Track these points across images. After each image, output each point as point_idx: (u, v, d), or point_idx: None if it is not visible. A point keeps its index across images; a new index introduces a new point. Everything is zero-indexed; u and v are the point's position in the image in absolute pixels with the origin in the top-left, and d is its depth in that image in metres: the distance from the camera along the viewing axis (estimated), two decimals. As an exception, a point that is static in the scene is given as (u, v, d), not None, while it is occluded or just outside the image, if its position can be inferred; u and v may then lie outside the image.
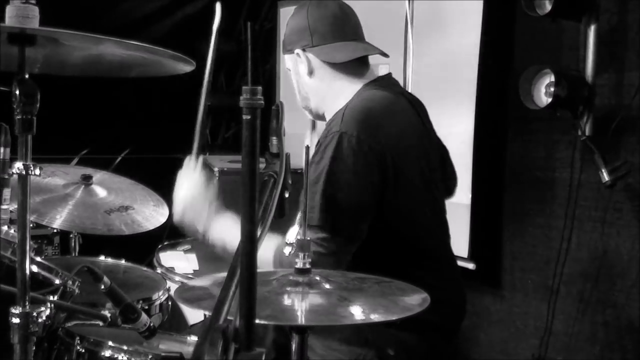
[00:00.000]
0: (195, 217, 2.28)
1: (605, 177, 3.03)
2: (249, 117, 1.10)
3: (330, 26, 2.41)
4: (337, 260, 2.10)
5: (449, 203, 2.52)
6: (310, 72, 2.42)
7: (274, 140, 1.51)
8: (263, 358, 1.09)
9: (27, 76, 1.60)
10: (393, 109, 2.36)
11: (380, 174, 2.20)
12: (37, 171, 1.60)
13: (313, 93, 2.46)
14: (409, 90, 3.46)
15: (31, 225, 2.98)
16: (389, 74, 2.52)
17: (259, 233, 1.30)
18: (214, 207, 2.29)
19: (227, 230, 2.25)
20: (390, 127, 2.28)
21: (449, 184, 2.65)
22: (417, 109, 2.48)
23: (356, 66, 2.43)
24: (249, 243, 1.13)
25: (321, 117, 2.49)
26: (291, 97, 2.58)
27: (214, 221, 2.28)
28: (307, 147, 1.69)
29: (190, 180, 2.32)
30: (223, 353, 1.07)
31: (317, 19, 2.41)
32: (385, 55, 2.46)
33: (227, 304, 1.20)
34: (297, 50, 2.41)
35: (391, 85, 2.46)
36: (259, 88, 1.11)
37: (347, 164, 2.15)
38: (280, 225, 2.00)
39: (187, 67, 1.73)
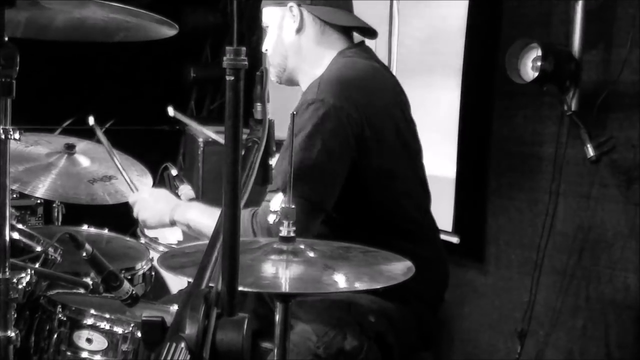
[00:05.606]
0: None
1: (591, 152, 3.03)
2: (232, 78, 1.08)
3: None
4: (304, 227, 2.02)
5: (434, 177, 2.51)
6: (299, 29, 2.39)
7: (258, 106, 1.49)
8: (246, 323, 1.07)
9: (6, 39, 1.58)
10: (370, 76, 2.35)
11: (356, 143, 2.19)
12: (17, 135, 1.58)
13: (294, 52, 2.42)
14: (394, 64, 3.45)
15: (14, 195, 2.98)
16: (362, 42, 2.50)
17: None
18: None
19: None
20: (368, 95, 2.27)
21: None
22: (391, 74, 2.48)
23: (342, 36, 2.42)
24: (232, 208, 1.12)
25: (292, 82, 2.47)
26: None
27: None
28: (293, 115, 1.68)
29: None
30: (205, 318, 1.05)
31: None
32: (374, 33, 2.46)
33: (209, 269, 1.19)
34: (291, 4, 2.38)
35: (363, 52, 2.45)
36: (243, 48, 1.08)
37: (322, 132, 2.14)
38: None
39: (170, 32, 1.71)
